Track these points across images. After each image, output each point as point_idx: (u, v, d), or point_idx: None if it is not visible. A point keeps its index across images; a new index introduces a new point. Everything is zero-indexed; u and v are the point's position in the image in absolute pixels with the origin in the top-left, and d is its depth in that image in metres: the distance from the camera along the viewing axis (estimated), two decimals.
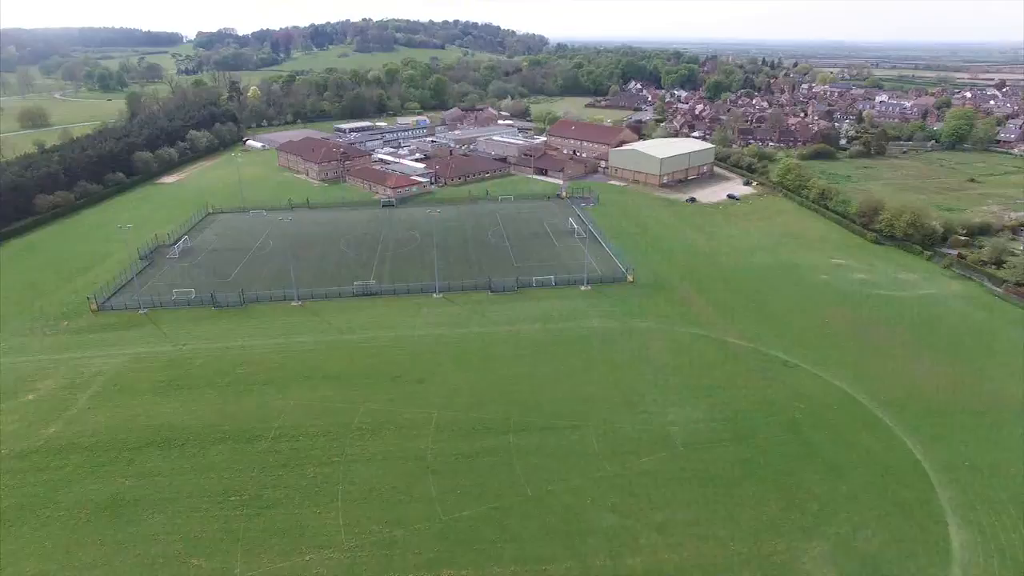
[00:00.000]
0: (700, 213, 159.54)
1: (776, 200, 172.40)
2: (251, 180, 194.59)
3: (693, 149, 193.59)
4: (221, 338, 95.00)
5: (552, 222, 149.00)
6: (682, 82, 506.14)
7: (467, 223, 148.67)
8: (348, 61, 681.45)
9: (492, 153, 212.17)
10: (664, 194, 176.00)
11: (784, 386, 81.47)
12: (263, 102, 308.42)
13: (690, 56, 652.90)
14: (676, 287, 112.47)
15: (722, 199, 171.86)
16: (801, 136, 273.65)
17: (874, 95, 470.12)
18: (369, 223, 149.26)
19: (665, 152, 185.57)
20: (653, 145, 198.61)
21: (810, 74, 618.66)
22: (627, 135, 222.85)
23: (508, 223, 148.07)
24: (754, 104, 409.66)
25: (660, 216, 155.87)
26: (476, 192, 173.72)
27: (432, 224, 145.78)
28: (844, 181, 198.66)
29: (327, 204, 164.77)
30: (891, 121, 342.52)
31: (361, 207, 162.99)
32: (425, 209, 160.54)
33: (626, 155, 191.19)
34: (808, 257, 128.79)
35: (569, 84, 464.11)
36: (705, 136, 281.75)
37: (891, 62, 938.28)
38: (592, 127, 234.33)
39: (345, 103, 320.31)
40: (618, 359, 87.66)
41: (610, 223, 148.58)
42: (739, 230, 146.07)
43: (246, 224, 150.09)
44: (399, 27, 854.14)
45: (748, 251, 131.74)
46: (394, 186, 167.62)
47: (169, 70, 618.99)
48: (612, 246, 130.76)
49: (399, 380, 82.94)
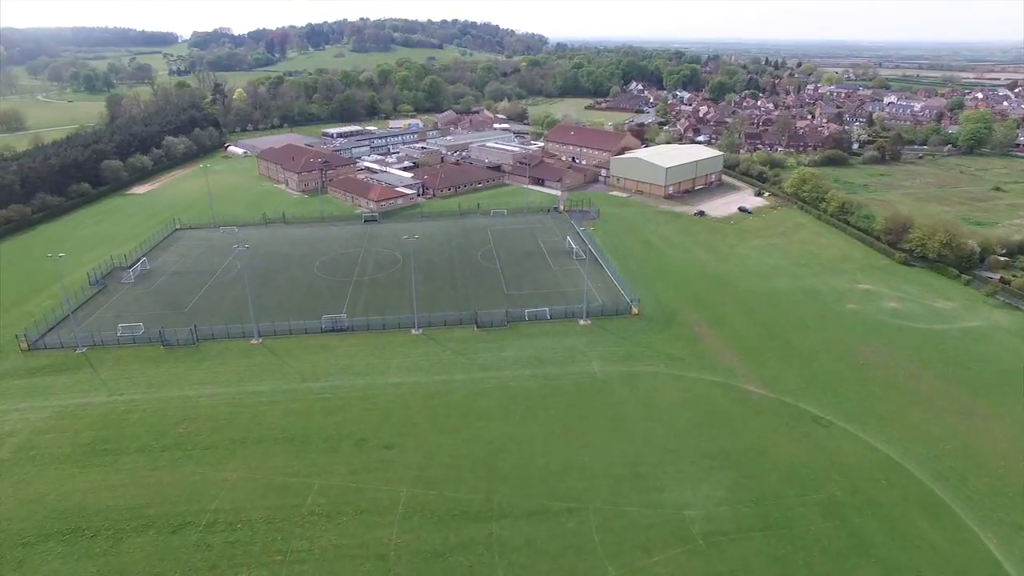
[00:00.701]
0: (710, 229, 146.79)
1: (791, 213, 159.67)
2: (228, 190, 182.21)
3: (700, 157, 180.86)
4: (166, 385, 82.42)
5: (548, 240, 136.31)
6: (684, 83, 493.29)
7: (455, 241, 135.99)
8: (344, 61, 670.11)
9: (486, 161, 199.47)
10: (670, 207, 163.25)
11: (819, 451, 68.89)
12: (249, 105, 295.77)
13: (691, 56, 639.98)
14: (687, 320, 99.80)
15: (733, 212, 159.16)
16: (811, 140, 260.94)
17: (882, 96, 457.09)
18: (348, 241, 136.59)
19: (671, 160, 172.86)
20: (657, 152, 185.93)
21: (815, 74, 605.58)
22: (629, 141, 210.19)
23: (500, 241, 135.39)
24: (759, 106, 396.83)
25: (666, 233, 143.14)
26: (467, 205, 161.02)
27: (416, 244, 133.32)
28: (860, 191, 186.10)
29: (305, 219, 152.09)
30: (903, 124, 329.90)
31: (341, 222, 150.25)
32: (411, 224, 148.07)
33: (629, 164, 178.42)
34: (832, 281, 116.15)
35: (568, 85, 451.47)
36: (711, 140, 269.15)
37: (893, 62, 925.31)
38: (592, 132, 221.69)
39: (335, 106, 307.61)
40: (622, 415, 75.07)
41: (612, 241, 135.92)
42: (753, 249, 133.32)
43: (215, 242, 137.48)
44: (396, 26, 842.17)
45: (765, 274, 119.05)
46: (378, 199, 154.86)
47: (160, 71, 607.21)
48: (614, 270, 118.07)
49: (365, 444, 70.35)
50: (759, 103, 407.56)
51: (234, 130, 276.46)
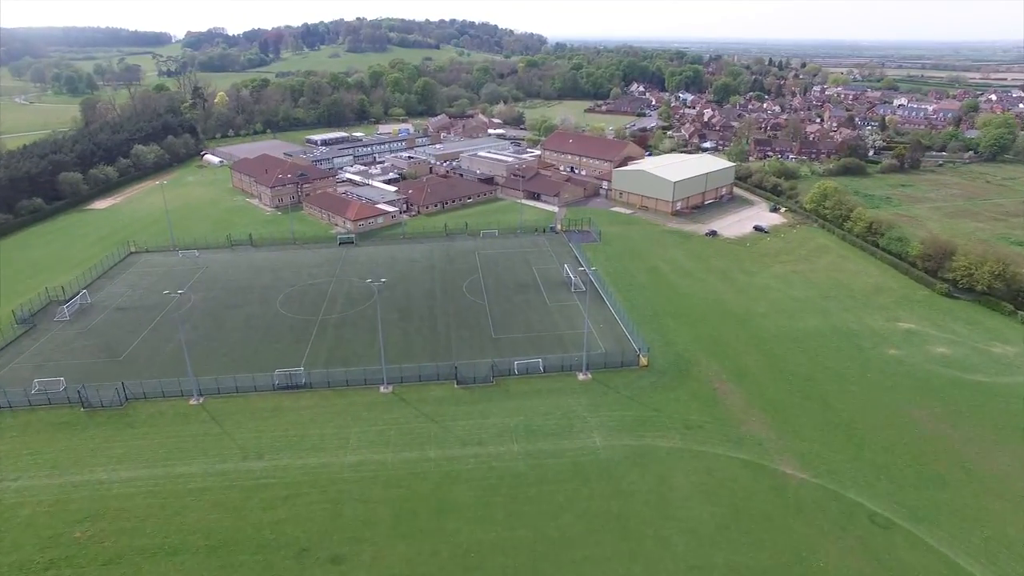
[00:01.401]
0: (724, 252, 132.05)
1: (812, 233, 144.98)
2: (196, 206, 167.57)
3: (711, 169, 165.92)
4: (75, 465, 67.69)
5: (544, 267, 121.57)
6: (687, 84, 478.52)
7: (438, 268, 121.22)
8: (339, 62, 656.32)
9: (477, 172, 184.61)
10: (678, 225, 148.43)
11: (880, 567, 54.29)
12: (231, 109, 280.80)
13: (693, 56, 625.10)
14: (704, 372, 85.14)
15: (748, 232, 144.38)
16: (824, 147, 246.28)
17: (891, 98, 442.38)
18: (319, 268, 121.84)
19: (678, 173, 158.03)
20: (663, 164, 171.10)
21: (820, 75, 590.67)
22: (632, 150, 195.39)
23: (489, 269, 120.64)
24: (766, 109, 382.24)
25: (676, 257, 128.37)
26: (454, 224, 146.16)
27: (395, 272, 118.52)
28: (883, 204, 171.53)
29: (274, 241, 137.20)
30: (917, 128, 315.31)
31: (314, 245, 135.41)
32: (390, 248, 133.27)
33: (633, 176, 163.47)
34: (867, 318, 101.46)
35: (567, 87, 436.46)
36: (718, 147, 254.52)
37: (896, 62, 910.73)
38: (592, 140, 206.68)
39: (322, 110, 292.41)
40: (631, 512, 60.38)
41: (615, 268, 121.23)
42: (775, 278, 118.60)
43: (172, 269, 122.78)
44: (393, 26, 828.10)
45: (791, 310, 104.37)
46: (355, 217, 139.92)
47: (148, 72, 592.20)
48: (618, 307, 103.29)
49: (307, 557, 55.71)
50: (765, 106, 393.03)
51: (214, 136, 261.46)
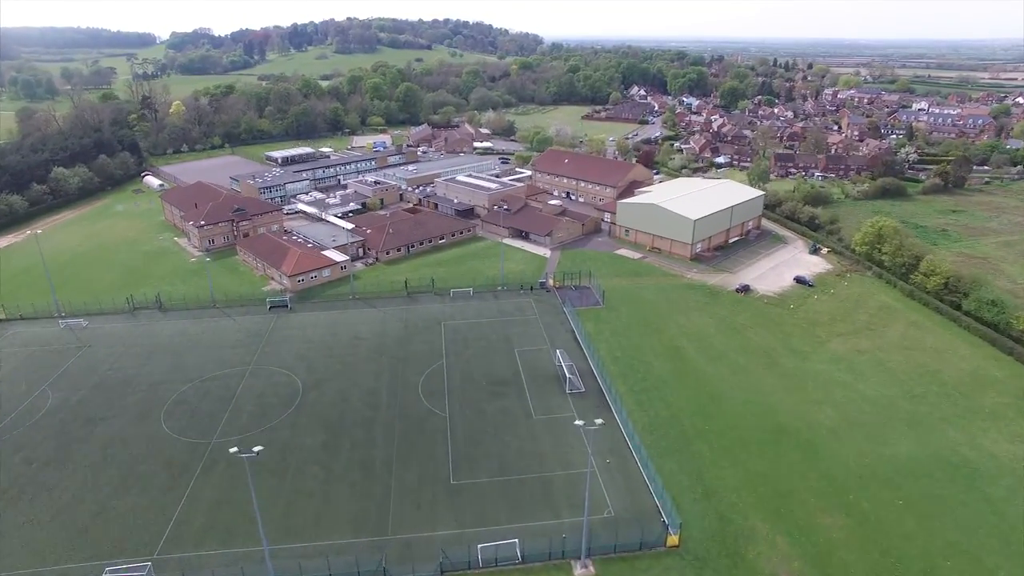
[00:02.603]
0: (763, 319, 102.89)
1: (867, 285, 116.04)
2: (111, 247, 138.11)
3: (736, 200, 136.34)
4: None
5: (530, 351, 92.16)
6: (691, 87, 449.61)
7: (389, 354, 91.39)
8: (326, 63, 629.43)
9: (454, 201, 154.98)
10: (701, 276, 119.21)
11: None
12: (187, 120, 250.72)
13: (694, 57, 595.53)
14: (767, 555, 56.11)
15: (788, 285, 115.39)
16: (853, 162, 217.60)
17: (909, 101, 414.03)
18: (234, 351, 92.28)
19: (698, 207, 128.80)
20: (677, 193, 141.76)
21: (828, 76, 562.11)
22: (639, 173, 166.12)
23: (458, 353, 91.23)
24: (778, 115, 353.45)
25: (702, 328, 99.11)
26: (419, 278, 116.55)
27: (331, 359, 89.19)
28: (940, 240, 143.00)
29: (190, 304, 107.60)
30: (947, 137, 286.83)
31: (238, 310, 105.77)
32: (332, 315, 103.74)
33: (642, 211, 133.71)
34: (982, 436, 72.53)
35: (563, 91, 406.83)
36: (733, 162, 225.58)
37: (898, 61, 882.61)
38: (592, 162, 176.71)
39: (289, 121, 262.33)
40: None
41: (624, 349, 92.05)
42: (836, 361, 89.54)
43: (43, 349, 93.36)
44: (383, 26, 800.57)
45: (870, 422, 75.40)
46: (292, 271, 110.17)
47: (123, 75, 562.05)
48: (631, 425, 74.13)
49: None
50: (776, 111, 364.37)
51: (165, 152, 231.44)
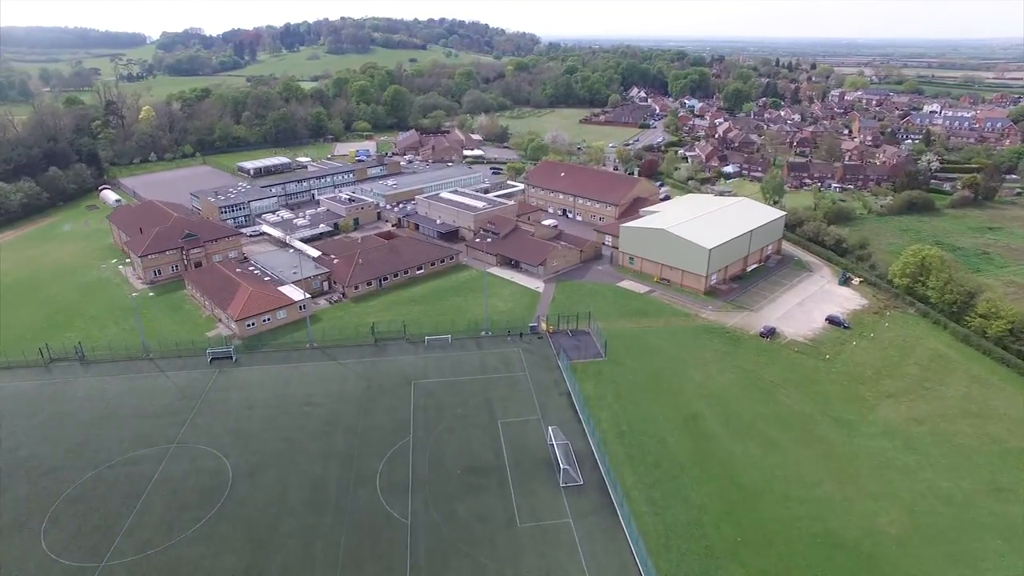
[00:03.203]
0: (796, 374, 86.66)
1: (911, 326, 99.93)
2: (48, 276, 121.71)
3: (755, 224, 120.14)
4: None
5: (517, 423, 75.83)
6: (692, 88, 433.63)
7: (343, 429, 75.00)
8: (317, 64, 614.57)
9: (437, 221, 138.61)
10: (718, 315, 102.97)
11: None
12: (156, 127, 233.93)
13: (695, 57, 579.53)
14: None
15: (819, 327, 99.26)
16: (873, 172, 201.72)
17: (920, 103, 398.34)
18: (158, 421, 75.83)
19: (713, 232, 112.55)
20: (688, 214, 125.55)
21: (833, 77, 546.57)
22: (643, 188, 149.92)
23: (428, 429, 74.69)
24: (785, 118, 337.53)
25: (723, 388, 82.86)
26: (390, 320, 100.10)
27: (271, 435, 72.73)
28: (982, 264, 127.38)
29: (118, 354, 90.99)
30: (967, 142, 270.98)
31: (174, 362, 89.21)
32: (285, 370, 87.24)
33: (649, 237, 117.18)
34: None
35: (560, 93, 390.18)
36: (743, 171, 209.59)
37: (900, 60, 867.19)
38: (591, 176, 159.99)
39: (268, 127, 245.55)
40: None
41: (629, 421, 75.70)
42: (891, 435, 73.21)
43: None
44: (377, 26, 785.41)
45: (950, 532, 59.28)
46: (240, 315, 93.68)
47: (107, 76, 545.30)
48: (641, 542, 57.90)
49: None
50: (783, 114, 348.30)
51: (131, 162, 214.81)
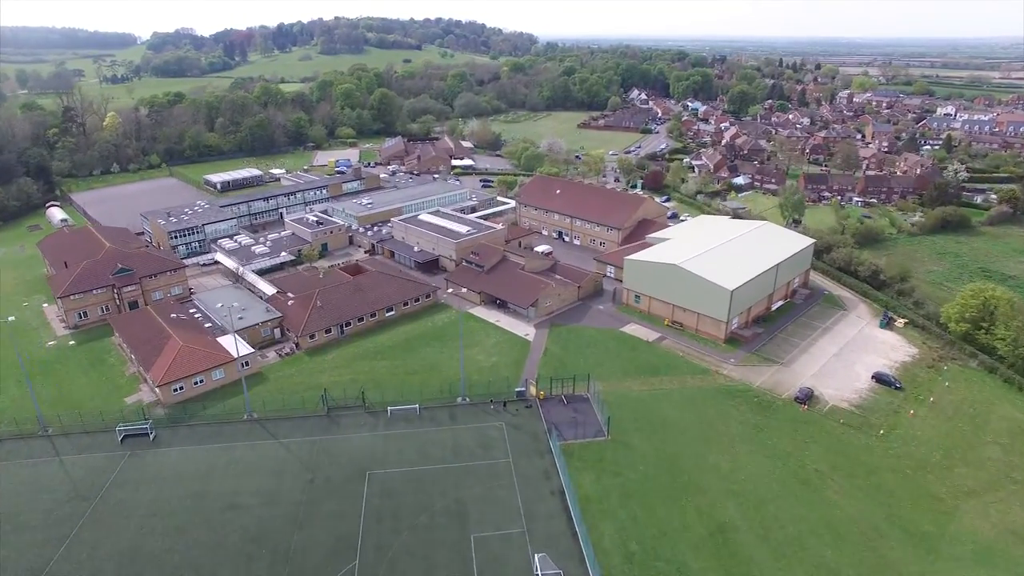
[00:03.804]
0: (844, 459, 69.48)
1: (978, 385, 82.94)
2: None
3: (782, 255, 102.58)
4: None
5: (493, 543, 58.61)
6: (695, 90, 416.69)
7: (271, 550, 57.75)
8: (309, 65, 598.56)
9: (415, 248, 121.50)
10: (741, 372, 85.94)
11: None
12: (124, 135, 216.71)
13: (696, 57, 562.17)
14: None
15: (865, 387, 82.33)
16: (898, 183, 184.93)
17: (933, 105, 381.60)
18: (31, 539, 58.46)
19: (734, 268, 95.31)
20: (701, 242, 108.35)
21: (839, 78, 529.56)
22: (649, 208, 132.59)
23: (381, 549, 57.13)
24: (793, 122, 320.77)
25: (755, 483, 65.65)
26: (346, 382, 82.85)
27: (179, 561, 55.43)
28: None
29: (5, 430, 73.88)
30: (991, 148, 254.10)
31: (77, 440, 71.79)
32: (215, 451, 69.93)
33: (657, 273, 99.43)
34: None
35: (558, 95, 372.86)
36: (755, 183, 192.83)
37: (900, 59, 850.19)
38: (590, 193, 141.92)
39: (243, 134, 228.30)
40: None
41: (640, 538, 58.38)
42: (986, 563, 56.18)
43: None
44: (371, 26, 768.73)
45: None
46: (163, 379, 76.48)
47: (90, 78, 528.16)
48: None
49: None
50: (791, 117, 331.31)
51: (91, 173, 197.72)
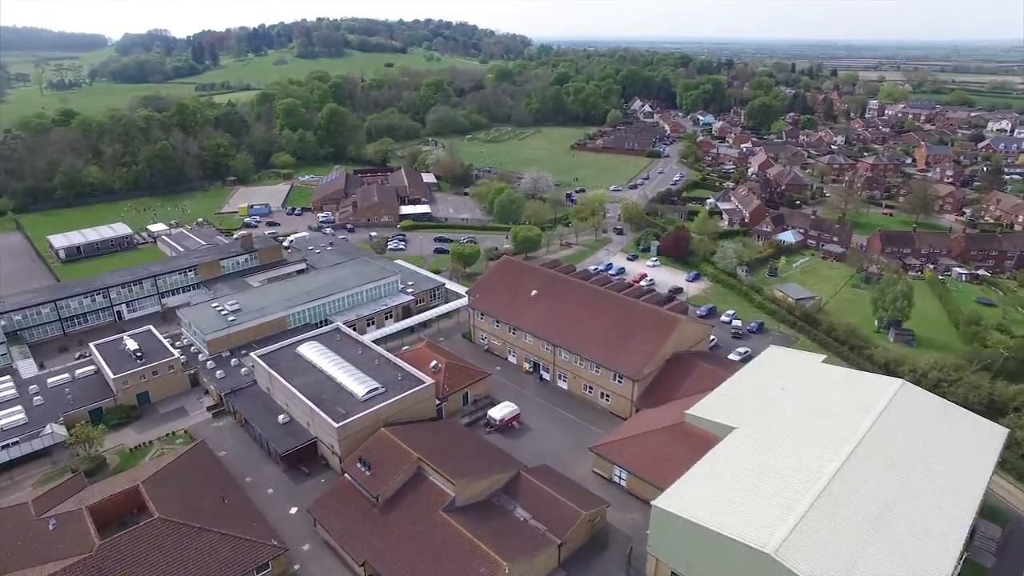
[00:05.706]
0: None
1: None
2: None
3: (970, 501, 52.28)
4: None
5: None
6: (706, 100, 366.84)
7: None
8: (286, 69, 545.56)
9: (281, 416, 70.30)
10: None
11: None
12: None
13: (701, 62, 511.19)
14: None
15: None
16: (1011, 245, 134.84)
17: (982, 119, 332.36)
18: None
19: (843, 528, 44.77)
20: (790, 438, 57.83)
21: (860, 84, 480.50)
22: (686, 335, 79.92)
23: None
24: (826, 141, 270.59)
25: None
26: None
27: None
28: None
29: None
30: None
31: None
32: None
33: (720, 552, 49.18)
34: None
35: (548, 108, 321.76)
36: (807, 239, 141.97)
37: (905, 62, 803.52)
38: (587, 301, 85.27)
39: (141, 167, 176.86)
40: None
41: None
42: None
43: None
44: (353, 28, 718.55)
45: None
46: None
47: (34, 84, 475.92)
48: None
49: None
50: (823, 135, 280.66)
51: None
